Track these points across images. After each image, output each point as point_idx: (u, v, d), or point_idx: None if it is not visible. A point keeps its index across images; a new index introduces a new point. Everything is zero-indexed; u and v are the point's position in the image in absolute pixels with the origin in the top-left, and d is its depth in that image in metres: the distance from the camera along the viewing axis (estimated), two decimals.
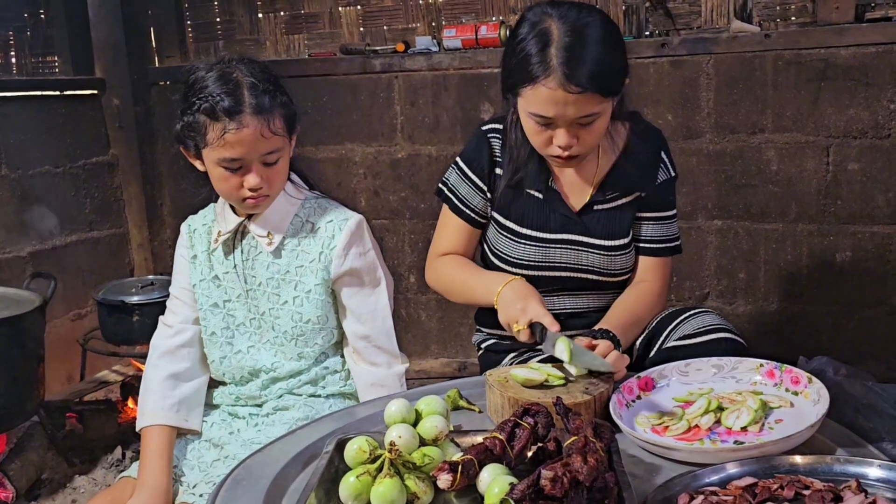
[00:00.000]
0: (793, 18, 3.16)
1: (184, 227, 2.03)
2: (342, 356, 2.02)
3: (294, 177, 1.98)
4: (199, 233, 1.99)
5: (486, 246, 2.09)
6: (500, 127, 2.00)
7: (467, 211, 2.05)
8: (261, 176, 1.80)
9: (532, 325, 1.75)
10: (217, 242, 1.94)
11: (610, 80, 1.75)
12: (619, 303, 1.98)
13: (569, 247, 1.97)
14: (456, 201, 2.06)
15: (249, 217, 1.91)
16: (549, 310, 1.79)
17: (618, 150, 1.98)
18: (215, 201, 2.00)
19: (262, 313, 1.94)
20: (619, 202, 1.99)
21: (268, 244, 1.91)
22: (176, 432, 1.90)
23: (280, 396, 1.94)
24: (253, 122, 1.76)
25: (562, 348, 1.62)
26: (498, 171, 2.00)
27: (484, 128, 2.04)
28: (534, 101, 1.76)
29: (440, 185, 2.10)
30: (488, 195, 2.02)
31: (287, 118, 1.85)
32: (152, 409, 1.90)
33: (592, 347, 1.67)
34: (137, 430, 1.91)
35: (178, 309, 2.00)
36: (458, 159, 2.06)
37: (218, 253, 1.96)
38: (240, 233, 1.94)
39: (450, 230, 2.08)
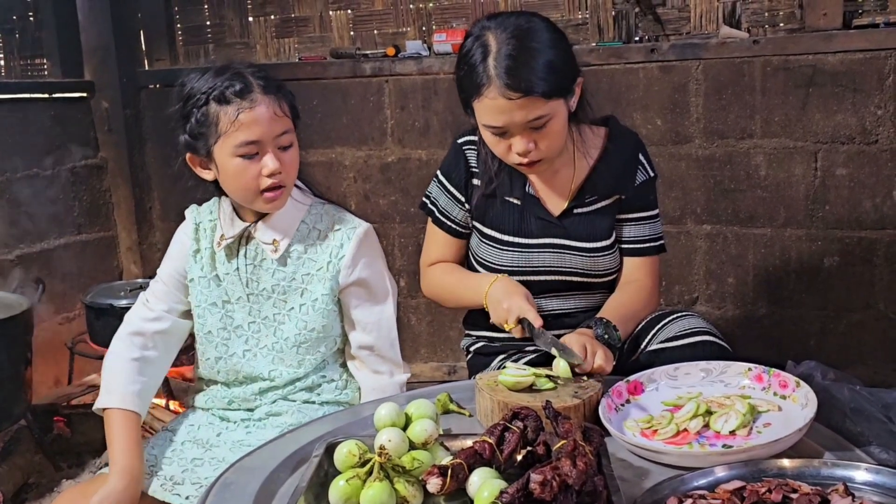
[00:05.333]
0: (781, 25, 3.18)
1: (190, 217, 1.97)
2: (341, 365, 2.00)
3: (299, 182, 1.96)
4: (205, 228, 1.95)
5: (469, 254, 2.11)
6: (476, 138, 2.02)
7: (448, 223, 2.07)
8: (278, 161, 1.78)
9: (521, 321, 1.76)
10: (220, 246, 1.91)
11: (551, 81, 1.76)
12: (613, 300, 2.00)
13: (551, 250, 1.99)
14: (438, 214, 2.08)
15: (256, 222, 1.89)
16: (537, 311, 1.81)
17: (594, 155, 2.01)
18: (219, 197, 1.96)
19: (263, 318, 1.92)
20: (599, 205, 2.01)
21: (273, 251, 1.88)
22: (139, 418, 1.85)
23: (274, 402, 1.92)
24: (265, 100, 1.77)
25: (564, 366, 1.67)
26: (475, 181, 2.03)
27: (459, 140, 2.06)
28: (482, 112, 1.81)
29: (424, 198, 2.12)
30: (467, 206, 2.04)
31: (292, 108, 1.86)
32: (122, 391, 1.84)
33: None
34: (101, 406, 1.84)
35: (162, 295, 1.94)
36: (438, 172, 2.09)
37: (221, 253, 1.92)
38: (244, 238, 1.92)
39: (435, 242, 2.11)
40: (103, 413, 1.85)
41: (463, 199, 2.04)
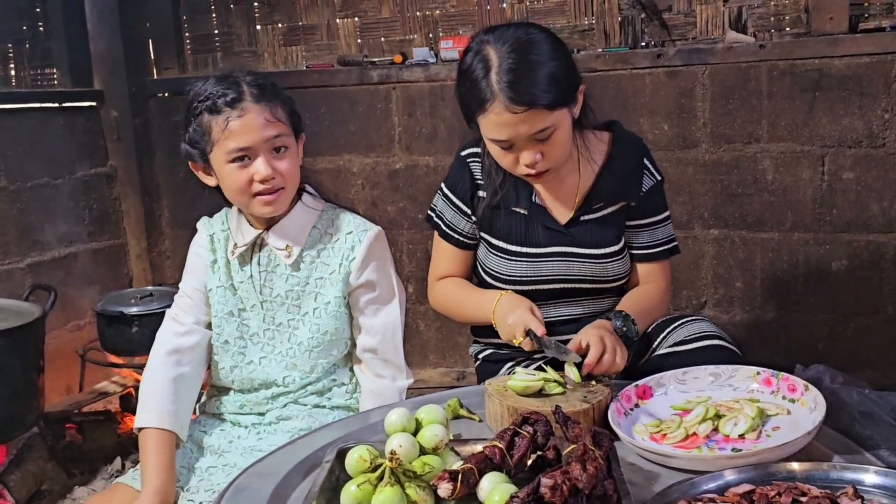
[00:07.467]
0: (787, 29, 3.18)
1: (202, 228, 2.00)
2: (351, 369, 2.02)
3: (309, 188, 1.98)
4: (219, 238, 1.97)
5: (478, 265, 2.11)
6: (479, 150, 2.02)
7: (455, 235, 2.08)
8: (270, 165, 1.80)
9: (528, 333, 1.77)
10: (233, 254, 1.93)
11: (554, 92, 1.75)
12: (631, 295, 2.02)
13: (559, 259, 1.99)
14: (444, 227, 2.09)
15: (267, 229, 1.91)
16: (546, 318, 1.84)
17: (599, 162, 2.00)
18: (230, 207, 1.99)
19: (278, 324, 1.94)
20: (606, 212, 2.00)
21: (286, 257, 1.90)
22: (175, 437, 1.87)
23: (284, 406, 1.93)
24: (255, 108, 1.79)
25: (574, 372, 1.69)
26: (481, 193, 2.02)
27: (463, 153, 2.06)
28: (487, 127, 1.81)
29: (429, 211, 2.13)
30: (473, 218, 2.05)
31: (290, 113, 1.87)
32: (159, 410, 1.85)
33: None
34: (138, 425, 1.86)
35: (189, 309, 1.97)
36: (442, 185, 2.10)
37: (235, 261, 1.95)
38: (257, 245, 1.94)
39: (443, 255, 2.12)
40: (139, 432, 1.86)
41: (469, 212, 2.04)
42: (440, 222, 2.09)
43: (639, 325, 1.87)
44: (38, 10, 3.66)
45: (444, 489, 1.26)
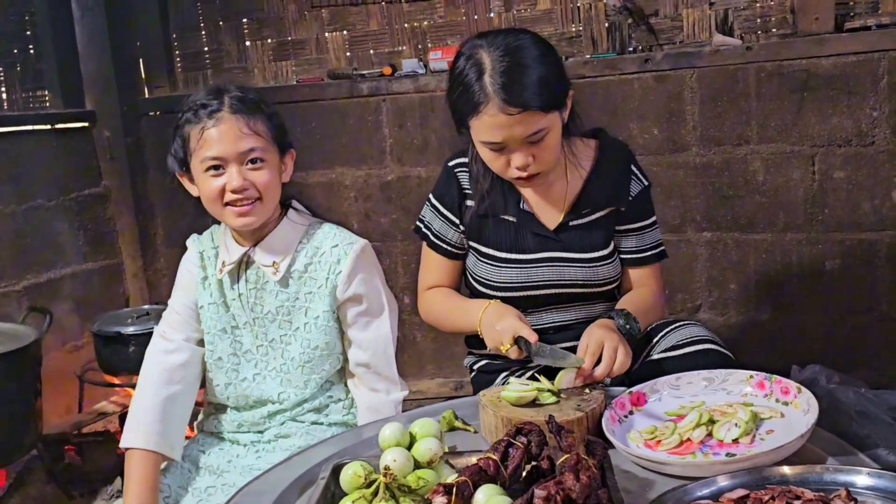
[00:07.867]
0: (773, 30, 3.20)
1: (193, 245, 2.01)
2: (346, 384, 2.02)
3: (296, 204, 1.99)
4: (208, 255, 1.98)
5: (468, 273, 2.12)
6: (466, 160, 2.04)
7: (444, 245, 2.09)
8: (243, 177, 1.82)
9: (517, 341, 1.77)
10: (222, 272, 1.94)
11: (547, 95, 1.78)
12: (629, 296, 2.04)
13: (549, 264, 2.00)
14: (432, 237, 2.10)
15: (253, 246, 1.92)
16: (538, 325, 1.85)
17: (587, 168, 2.02)
18: (218, 224, 2.00)
19: (270, 340, 1.94)
20: (595, 216, 2.02)
21: (273, 273, 1.91)
22: (161, 458, 1.88)
23: (282, 424, 1.93)
24: (231, 119, 1.82)
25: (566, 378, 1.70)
26: (469, 202, 2.04)
27: (450, 164, 2.08)
28: (481, 129, 1.82)
29: (417, 222, 2.14)
30: (461, 228, 2.06)
31: (273, 128, 1.89)
32: (146, 431, 1.86)
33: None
34: (123, 445, 1.87)
35: (178, 325, 1.97)
36: (430, 196, 2.11)
37: (225, 278, 1.95)
38: (244, 263, 1.94)
39: (431, 265, 2.13)
40: (125, 451, 1.87)
41: (457, 221, 2.05)
42: (428, 232, 2.10)
43: (640, 322, 1.88)
44: (28, 32, 3.67)
45: (439, 503, 1.26)
